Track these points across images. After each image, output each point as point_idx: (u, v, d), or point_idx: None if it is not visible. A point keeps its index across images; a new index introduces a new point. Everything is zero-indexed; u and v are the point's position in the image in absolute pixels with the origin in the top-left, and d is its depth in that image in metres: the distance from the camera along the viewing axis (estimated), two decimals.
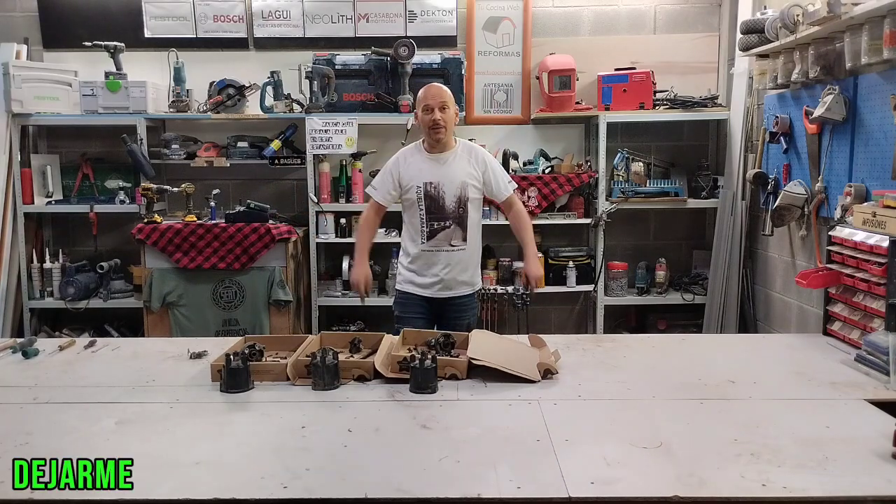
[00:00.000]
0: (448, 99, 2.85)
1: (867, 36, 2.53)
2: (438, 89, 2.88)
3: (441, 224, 2.85)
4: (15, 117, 4.03)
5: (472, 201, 2.88)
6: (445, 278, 2.87)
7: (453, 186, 2.85)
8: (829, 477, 1.41)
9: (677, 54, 4.31)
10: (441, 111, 2.81)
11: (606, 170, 4.11)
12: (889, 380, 1.95)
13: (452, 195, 2.85)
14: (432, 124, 2.81)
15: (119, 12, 4.30)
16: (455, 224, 2.86)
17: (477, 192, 2.91)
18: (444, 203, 2.85)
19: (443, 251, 2.86)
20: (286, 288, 3.85)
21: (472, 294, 2.97)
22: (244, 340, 2.24)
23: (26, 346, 2.32)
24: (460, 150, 2.93)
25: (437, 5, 4.30)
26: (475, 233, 2.94)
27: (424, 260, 2.88)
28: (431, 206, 2.85)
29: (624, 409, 1.80)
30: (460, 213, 2.86)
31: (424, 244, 2.86)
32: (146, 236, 3.79)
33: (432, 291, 2.88)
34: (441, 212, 2.85)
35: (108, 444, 1.58)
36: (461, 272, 2.89)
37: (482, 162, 2.92)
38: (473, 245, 2.94)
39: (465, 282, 2.92)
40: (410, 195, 2.88)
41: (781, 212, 3.19)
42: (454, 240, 2.87)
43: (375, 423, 1.70)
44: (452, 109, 2.87)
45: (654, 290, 4.27)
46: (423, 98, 2.87)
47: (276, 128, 4.19)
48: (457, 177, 2.86)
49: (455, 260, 2.87)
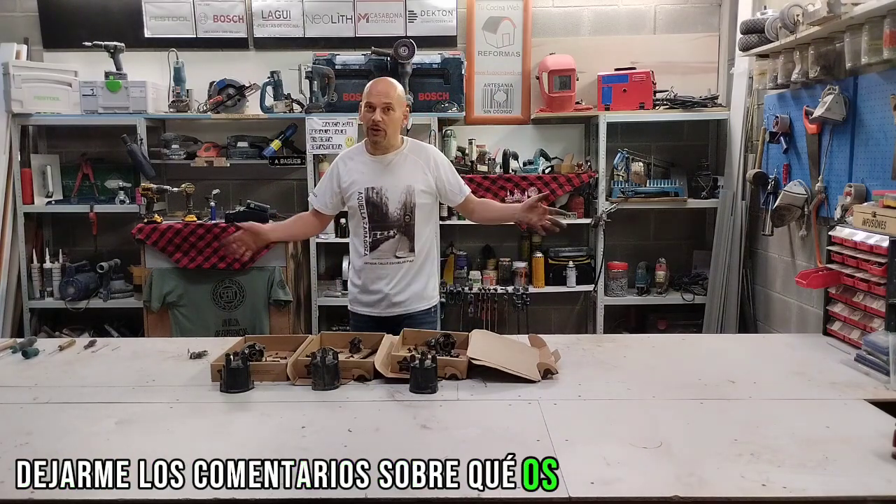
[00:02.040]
0: (395, 99, 2.52)
1: (867, 36, 2.53)
2: (386, 86, 2.54)
3: (384, 234, 2.57)
4: (15, 117, 4.03)
5: (421, 207, 2.59)
6: (391, 293, 2.59)
7: (397, 192, 2.56)
8: (829, 477, 1.41)
9: (677, 54, 4.31)
10: (384, 112, 2.50)
11: (606, 170, 4.12)
12: (889, 380, 1.95)
13: (397, 201, 2.56)
14: (372, 125, 2.51)
15: (119, 12, 4.30)
16: (400, 233, 2.58)
17: (427, 198, 2.61)
18: (388, 210, 2.56)
19: (388, 263, 2.59)
20: (286, 288, 3.85)
21: (429, 310, 2.69)
22: (244, 340, 2.23)
23: (26, 346, 2.31)
24: (407, 151, 2.62)
25: (437, 5, 4.30)
26: (426, 242, 2.65)
27: (368, 273, 2.62)
28: (374, 213, 2.57)
29: (624, 409, 1.80)
30: (406, 222, 2.57)
31: (367, 255, 2.60)
32: (146, 236, 3.80)
33: (379, 310, 2.62)
34: (384, 220, 2.56)
35: (108, 444, 1.58)
36: (409, 286, 2.61)
37: (433, 163, 2.62)
38: (424, 255, 2.64)
39: (416, 295, 2.63)
40: (352, 202, 2.60)
41: (781, 212, 3.19)
42: (400, 251, 2.58)
43: (375, 423, 1.70)
44: (399, 111, 2.55)
45: (654, 290, 4.27)
46: (367, 93, 2.54)
47: (276, 128, 4.19)
48: (401, 181, 2.56)
49: (401, 273, 2.59)
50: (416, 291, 2.64)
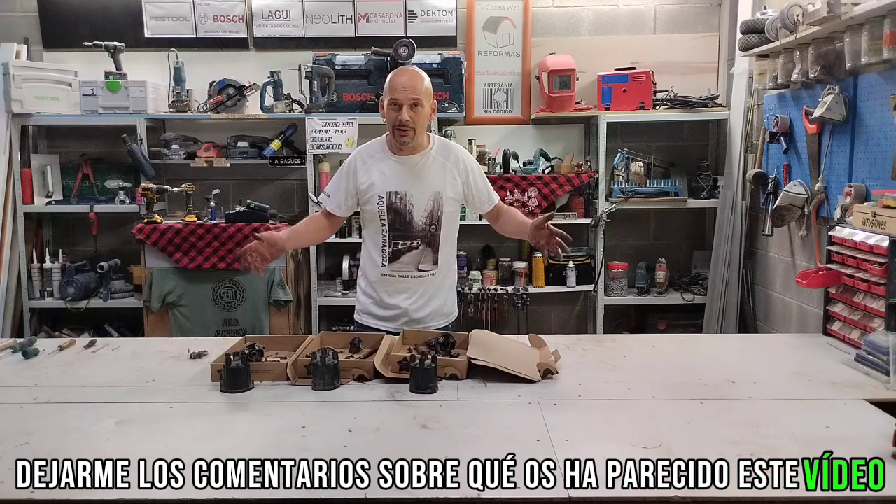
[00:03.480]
0: (423, 93, 2.24)
1: (867, 36, 2.53)
2: (412, 78, 2.25)
3: (407, 244, 2.33)
4: (15, 117, 4.03)
5: (448, 216, 2.35)
6: (411, 309, 2.37)
7: (424, 198, 2.31)
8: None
9: (677, 54, 4.31)
10: (412, 109, 2.22)
11: (606, 170, 4.12)
12: (889, 380, 1.95)
13: (423, 209, 2.31)
14: (399, 125, 2.23)
15: (119, 12, 4.30)
16: (425, 245, 2.34)
17: (454, 205, 2.37)
18: (412, 218, 2.31)
19: (408, 277, 2.36)
20: (286, 288, 3.85)
21: (447, 326, 2.46)
22: (244, 340, 2.23)
23: (26, 346, 2.31)
24: (435, 151, 2.36)
25: (437, 5, 4.30)
26: (449, 254, 2.41)
27: (385, 287, 2.37)
28: (396, 221, 2.32)
29: (624, 409, 1.80)
30: (432, 232, 2.33)
31: (386, 267, 2.35)
32: (146, 236, 3.80)
33: (395, 325, 2.37)
34: (408, 229, 2.32)
35: (108, 444, 1.58)
36: (430, 302, 2.39)
37: (462, 166, 2.37)
38: (446, 269, 2.42)
39: (435, 312, 2.41)
40: (370, 206, 2.33)
41: (781, 212, 3.19)
42: (423, 263, 2.35)
43: (375, 423, 1.70)
44: (428, 106, 2.27)
45: (654, 290, 4.27)
46: (391, 87, 2.25)
47: (276, 128, 4.19)
48: (430, 186, 2.32)
49: (423, 288, 2.37)
50: (437, 307, 2.43)
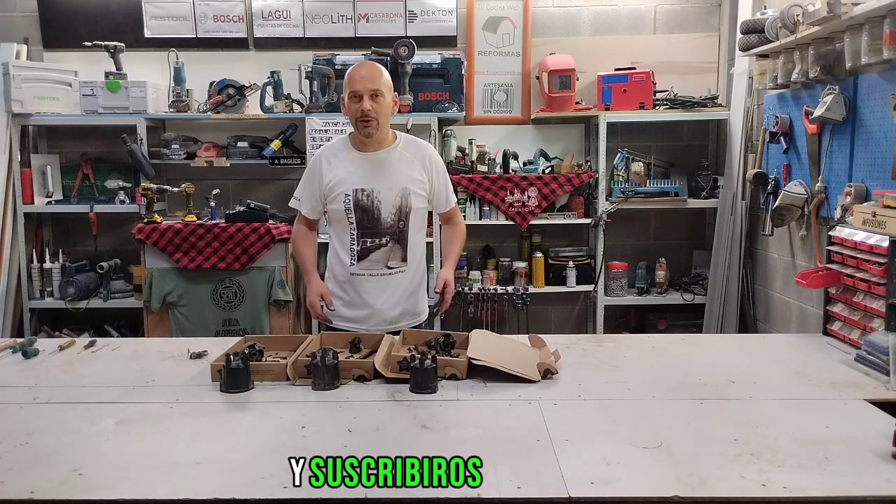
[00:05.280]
0: (383, 84, 2.25)
1: (867, 36, 2.53)
2: (371, 70, 2.26)
3: (375, 241, 2.32)
4: (15, 117, 4.03)
5: (416, 212, 2.35)
6: (382, 309, 2.37)
7: (392, 194, 2.30)
8: (829, 477, 1.41)
9: (677, 54, 4.31)
10: (372, 99, 2.22)
11: (606, 170, 4.12)
12: (889, 380, 1.95)
13: (391, 205, 2.31)
14: (360, 115, 2.23)
15: (119, 12, 4.30)
16: (393, 241, 2.34)
17: (422, 201, 2.37)
18: (380, 215, 2.31)
19: (378, 275, 2.35)
20: (286, 288, 3.85)
21: (419, 325, 2.47)
22: (244, 340, 2.23)
23: (26, 346, 2.31)
24: (402, 147, 2.36)
25: (437, 5, 4.30)
26: (418, 250, 2.41)
27: (354, 286, 2.37)
28: (363, 218, 2.31)
29: (624, 409, 1.80)
30: (400, 228, 2.32)
31: (355, 266, 2.35)
32: (146, 236, 3.80)
33: (367, 327, 2.37)
34: (376, 226, 2.31)
35: (108, 444, 1.58)
36: (401, 301, 2.39)
37: (429, 163, 2.38)
38: (416, 265, 2.41)
39: (406, 311, 2.42)
40: (336, 205, 2.33)
41: (781, 212, 3.19)
42: (392, 261, 2.35)
43: (375, 423, 1.70)
44: (389, 97, 2.28)
45: (654, 290, 4.27)
46: (350, 80, 2.26)
47: (276, 128, 4.19)
48: (397, 182, 2.31)
49: (393, 286, 2.37)
50: (409, 306, 2.44)
